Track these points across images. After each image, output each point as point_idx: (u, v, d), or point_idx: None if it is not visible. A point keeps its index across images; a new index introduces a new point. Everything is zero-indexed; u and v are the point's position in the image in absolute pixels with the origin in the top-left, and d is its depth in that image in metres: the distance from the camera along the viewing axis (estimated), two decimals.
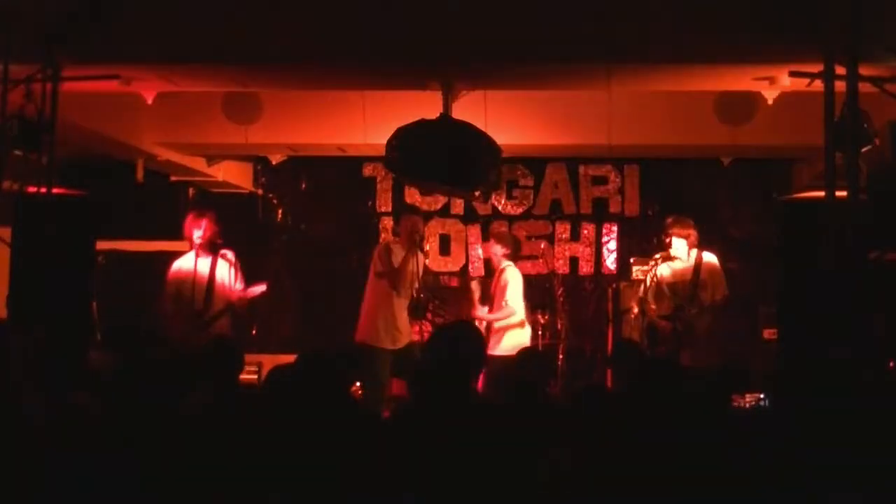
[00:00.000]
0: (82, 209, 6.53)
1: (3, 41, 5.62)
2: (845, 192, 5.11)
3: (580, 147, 9.00)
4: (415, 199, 10.00)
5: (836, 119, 5.17)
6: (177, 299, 7.15)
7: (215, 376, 4.88)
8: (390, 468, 3.57)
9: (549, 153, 9.64)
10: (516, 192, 10.10)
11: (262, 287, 7.36)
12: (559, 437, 3.78)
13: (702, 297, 7.29)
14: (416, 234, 7.56)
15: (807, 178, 9.03)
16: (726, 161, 9.46)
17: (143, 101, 6.92)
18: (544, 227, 10.04)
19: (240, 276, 7.28)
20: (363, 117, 8.22)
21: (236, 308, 7.20)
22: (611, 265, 10.02)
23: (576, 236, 10.07)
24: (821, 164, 6.64)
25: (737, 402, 5.96)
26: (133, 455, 3.29)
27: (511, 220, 10.11)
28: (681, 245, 7.37)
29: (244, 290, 7.23)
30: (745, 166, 9.77)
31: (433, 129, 6.40)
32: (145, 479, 3.23)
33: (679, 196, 9.96)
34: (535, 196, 10.08)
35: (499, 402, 4.80)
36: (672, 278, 7.40)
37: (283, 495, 3.43)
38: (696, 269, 7.31)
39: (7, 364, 3.57)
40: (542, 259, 9.66)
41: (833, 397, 3.84)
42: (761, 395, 6.38)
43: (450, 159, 6.42)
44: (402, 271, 7.49)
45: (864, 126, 5.26)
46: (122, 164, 9.03)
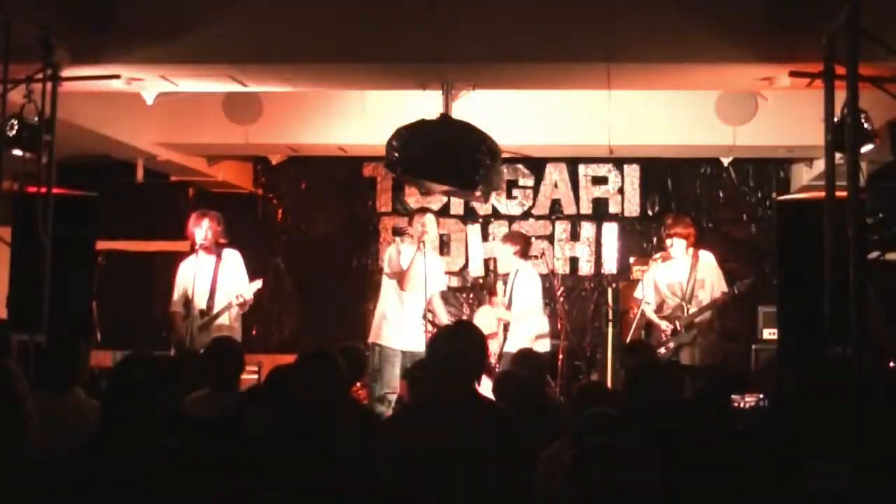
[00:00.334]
0: (82, 209, 6.53)
1: (3, 41, 5.61)
2: (845, 192, 5.10)
3: (580, 147, 9.00)
4: (415, 198, 10.01)
5: (836, 119, 5.17)
6: (182, 299, 7.17)
7: (216, 376, 4.89)
8: (390, 468, 3.57)
9: (549, 153, 9.65)
10: (516, 192, 10.11)
11: (258, 283, 7.35)
12: (559, 437, 3.78)
13: (700, 296, 7.30)
14: (423, 234, 7.50)
15: (807, 178, 9.04)
16: (726, 161, 9.47)
17: (143, 101, 6.92)
18: (544, 227, 10.05)
19: (244, 273, 7.29)
20: (363, 117, 8.22)
21: (236, 307, 7.19)
22: (611, 265, 10.02)
23: (576, 236, 10.08)
24: (821, 164, 6.66)
25: (737, 402, 5.96)
26: (133, 455, 3.29)
27: (511, 220, 10.12)
28: (680, 245, 7.38)
29: (246, 292, 7.22)
30: (745, 166, 9.78)
31: (433, 129, 6.40)
32: (145, 479, 3.23)
33: (679, 196, 9.98)
34: (535, 196, 10.09)
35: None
36: (670, 278, 7.41)
37: (283, 495, 3.44)
38: (694, 268, 7.32)
39: (7, 364, 3.56)
40: (542, 259, 9.66)
41: (833, 397, 3.84)
42: (761, 395, 6.38)
43: (450, 159, 6.41)
44: (409, 272, 7.42)
45: (864, 126, 5.25)
46: (122, 164, 9.04)
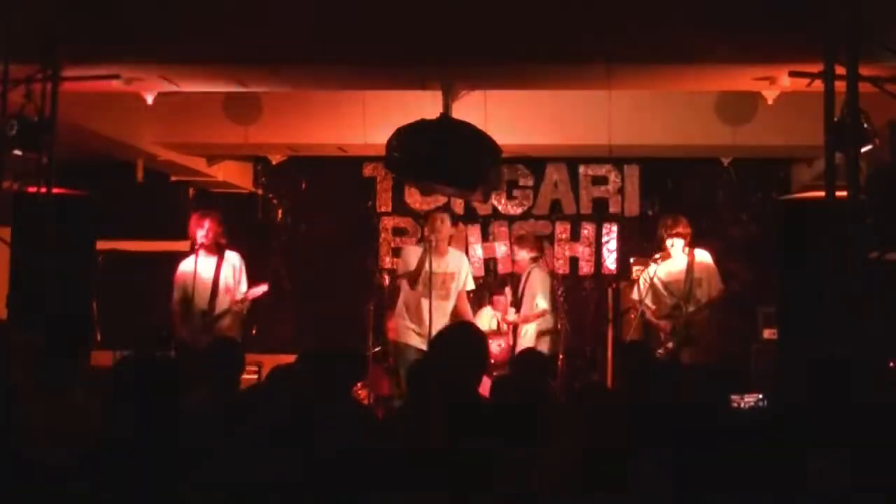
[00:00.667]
0: (82, 209, 6.53)
1: (3, 41, 5.61)
2: (845, 192, 5.11)
3: (580, 147, 9.00)
4: (415, 198, 10.01)
5: (836, 119, 5.17)
6: (182, 300, 7.16)
7: (216, 376, 4.88)
8: (390, 468, 3.57)
9: (549, 153, 9.64)
10: (516, 192, 10.10)
11: (264, 287, 7.36)
12: (559, 436, 3.78)
13: (698, 294, 7.29)
14: (431, 234, 7.49)
15: (807, 178, 9.04)
16: (726, 161, 9.46)
17: (143, 101, 6.92)
18: (544, 228, 10.04)
19: (244, 277, 7.28)
20: (363, 117, 8.22)
21: (234, 309, 7.19)
22: (611, 265, 10.02)
23: (576, 236, 10.08)
24: (821, 164, 6.66)
25: (736, 402, 5.96)
26: (133, 455, 3.29)
27: (511, 220, 10.12)
28: (678, 244, 7.39)
29: (246, 293, 7.23)
30: (745, 166, 9.78)
31: (433, 129, 6.39)
32: (145, 479, 3.23)
33: (679, 196, 9.97)
34: (535, 196, 10.08)
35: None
36: (668, 278, 7.41)
37: (283, 495, 3.43)
38: (691, 268, 7.32)
39: (7, 364, 3.57)
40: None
41: (833, 397, 3.84)
42: (761, 395, 6.38)
43: (450, 159, 6.41)
44: (417, 272, 7.38)
45: (864, 126, 5.25)
46: (122, 164, 9.03)
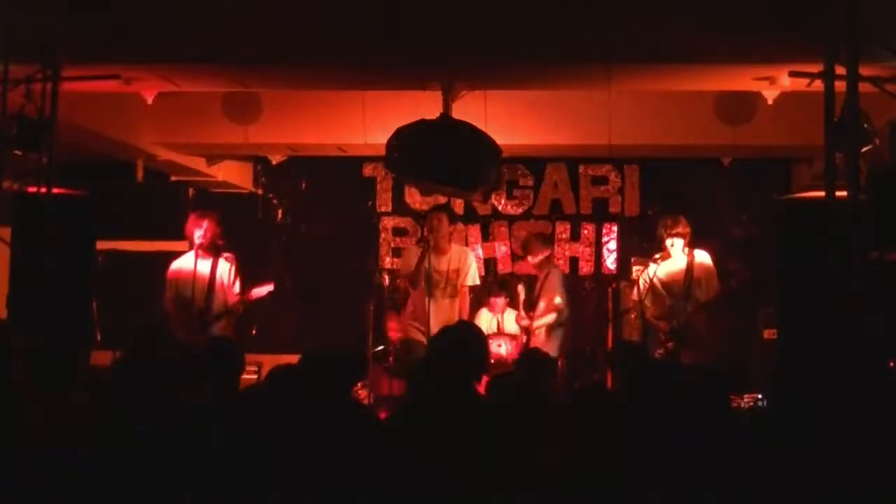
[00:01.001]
0: (82, 209, 6.53)
1: (3, 41, 5.61)
2: (845, 192, 5.11)
3: (580, 147, 8.99)
4: (415, 198, 10.01)
5: (836, 119, 5.17)
6: (176, 299, 7.13)
7: (216, 377, 4.88)
8: (390, 468, 3.57)
9: (549, 153, 9.64)
10: (516, 192, 10.10)
11: (269, 287, 7.33)
12: (559, 436, 3.78)
13: (697, 294, 7.29)
14: (430, 234, 7.43)
15: (807, 178, 9.04)
16: (726, 161, 9.46)
17: (143, 101, 6.92)
18: (544, 228, 10.03)
19: (237, 280, 7.26)
20: (363, 117, 8.21)
21: (232, 311, 7.17)
22: (611, 265, 10.02)
23: (576, 236, 10.07)
24: (821, 164, 6.65)
25: (736, 402, 5.96)
26: (133, 455, 3.29)
27: (511, 220, 10.12)
28: (678, 244, 7.38)
29: (247, 293, 7.20)
30: (745, 166, 9.77)
31: (433, 129, 6.40)
32: (145, 479, 3.23)
33: (679, 196, 9.95)
34: (535, 196, 10.08)
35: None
36: (667, 278, 7.40)
37: (283, 495, 3.44)
38: (690, 268, 7.32)
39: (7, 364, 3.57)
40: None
41: (832, 397, 3.85)
42: (760, 395, 6.38)
43: (450, 159, 6.41)
44: (416, 272, 7.33)
45: (864, 126, 5.25)
46: (122, 164, 9.03)
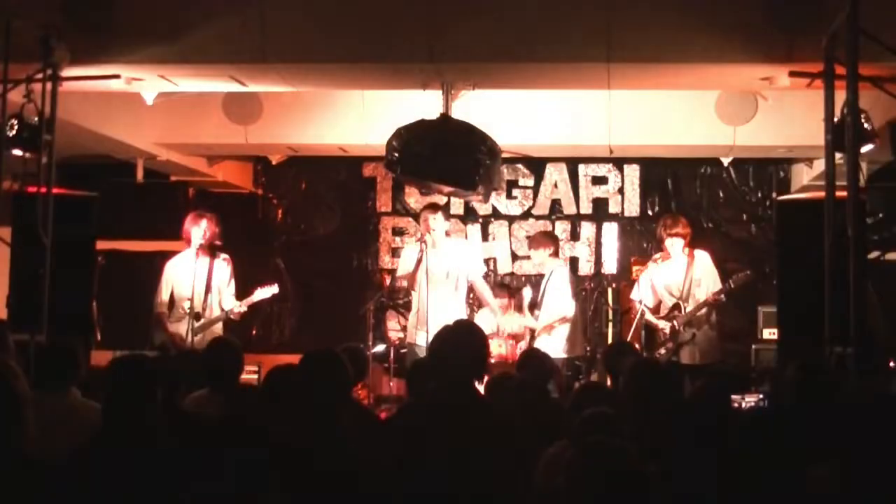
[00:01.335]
0: (82, 209, 6.53)
1: (3, 41, 5.61)
2: (845, 192, 5.11)
3: (580, 147, 9.00)
4: (415, 198, 10.01)
5: (836, 119, 5.17)
6: (172, 299, 7.12)
7: (215, 377, 4.88)
8: (390, 468, 3.57)
9: (549, 153, 9.65)
10: (516, 192, 10.11)
11: (274, 289, 7.31)
12: (559, 436, 3.78)
13: (697, 294, 7.29)
14: (426, 233, 7.33)
15: (807, 178, 9.04)
16: (726, 161, 9.47)
17: (143, 101, 6.92)
18: (544, 228, 10.03)
19: (233, 281, 7.25)
20: (363, 117, 8.22)
21: (231, 314, 7.15)
22: (611, 265, 10.02)
23: (576, 236, 10.08)
24: (821, 164, 6.65)
25: (736, 402, 5.95)
26: (133, 455, 3.29)
27: (511, 220, 10.12)
28: (679, 245, 7.39)
29: (251, 295, 7.19)
30: (745, 166, 9.78)
31: (433, 129, 6.40)
32: (144, 480, 3.23)
33: (679, 196, 9.98)
34: (535, 196, 10.09)
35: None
36: (667, 278, 7.41)
37: (283, 495, 3.43)
38: (690, 268, 7.32)
39: (7, 363, 3.56)
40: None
41: (832, 397, 3.84)
42: (761, 395, 6.38)
43: (450, 159, 6.41)
44: (414, 272, 7.26)
45: (864, 126, 5.25)
46: (122, 164, 9.04)
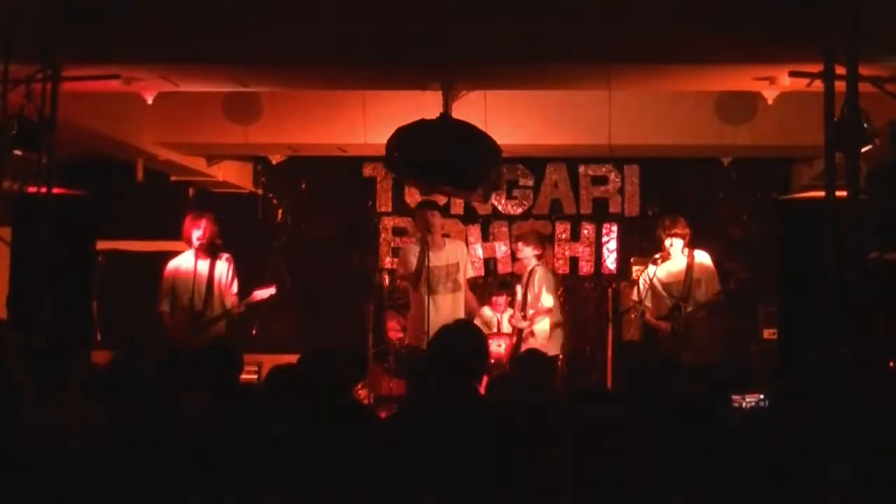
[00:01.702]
0: (82, 209, 6.53)
1: (3, 41, 5.62)
2: (845, 192, 5.11)
3: (580, 147, 9.00)
4: (415, 198, 10.00)
5: (836, 119, 5.17)
6: (173, 299, 7.11)
7: (215, 377, 4.87)
8: (390, 468, 3.57)
9: (549, 153, 9.64)
10: (516, 192, 10.11)
11: (272, 290, 7.30)
12: (559, 436, 3.78)
13: (697, 295, 7.29)
14: (426, 230, 7.23)
15: (807, 178, 9.04)
16: (726, 161, 9.47)
17: (143, 101, 6.92)
18: (544, 228, 10.03)
19: (235, 280, 7.24)
20: (363, 117, 8.22)
21: (232, 313, 7.15)
22: (611, 265, 10.02)
23: (576, 236, 10.08)
24: (821, 164, 6.65)
25: (737, 402, 5.96)
26: (133, 455, 3.30)
27: (511, 220, 10.12)
28: (679, 245, 7.39)
29: (250, 295, 7.18)
30: (745, 166, 9.78)
31: (433, 129, 6.40)
32: (145, 480, 3.23)
33: (679, 196, 9.97)
34: (535, 196, 10.08)
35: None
36: (667, 278, 7.40)
37: (283, 495, 3.43)
38: (689, 268, 7.32)
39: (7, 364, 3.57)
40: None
41: (832, 397, 3.84)
42: (761, 395, 6.37)
43: (450, 159, 6.41)
44: (418, 272, 7.16)
45: (864, 126, 5.26)
46: (122, 164, 9.04)
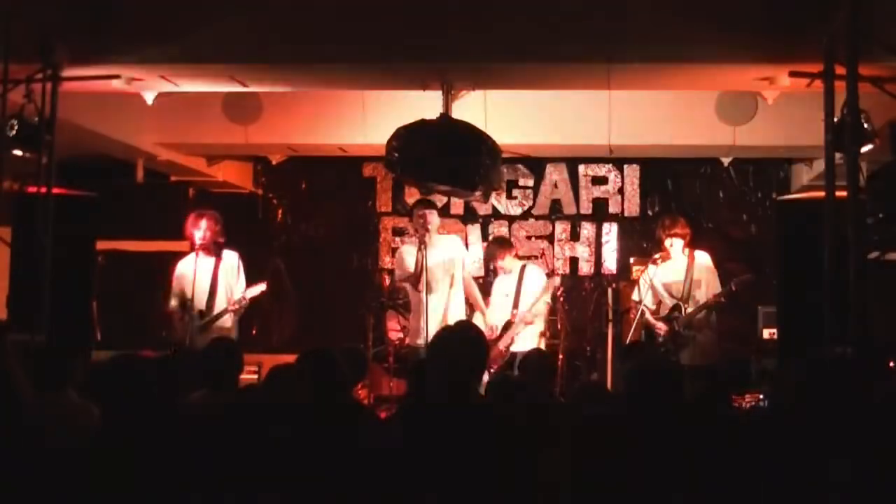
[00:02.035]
0: (82, 209, 6.54)
1: (3, 41, 5.62)
2: (845, 192, 5.11)
3: (580, 147, 9.00)
4: (415, 198, 9.97)
5: (836, 119, 5.17)
6: (180, 300, 7.12)
7: (215, 376, 4.88)
8: (390, 468, 3.57)
9: (549, 153, 9.65)
10: (516, 192, 10.11)
11: (262, 287, 7.30)
12: (559, 436, 3.78)
13: (697, 295, 7.29)
14: (424, 228, 7.18)
15: (807, 178, 9.05)
16: (726, 161, 9.47)
17: (143, 101, 6.92)
18: (544, 227, 10.05)
19: (242, 277, 7.24)
20: (363, 117, 8.21)
21: (231, 310, 7.14)
22: (611, 265, 10.02)
23: (576, 236, 10.08)
24: (821, 164, 6.65)
25: (737, 402, 5.97)
26: (132, 455, 3.29)
27: (511, 220, 10.12)
28: (678, 245, 7.39)
29: (244, 293, 7.17)
30: (745, 166, 9.78)
31: (433, 129, 6.39)
32: (144, 480, 3.23)
33: (679, 196, 9.98)
34: (535, 196, 10.08)
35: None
36: (667, 278, 7.40)
37: (283, 495, 3.44)
38: (690, 268, 7.32)
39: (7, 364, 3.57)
40: (543, 259, 9.68)
41: (832, 397, 3.84)
42: (761, 395, 6.39)
43: (450, 159, 6.41)
44: (418, 272, 7.11)
45: (864, 126, 5.26)
46: (122, 164, 9.04)
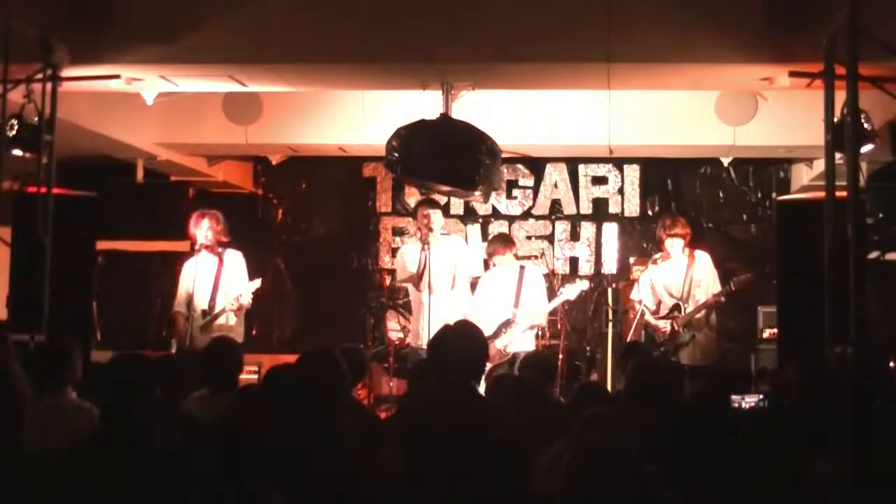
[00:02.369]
0: (82, 209, 6.54)
1: (3, 41, 5.62)
2: (845, 192, 5.11)
3: (580, 147, 9.00)
4: (415, 198, 9.99)
5: (836, 119, 5.17)
6: (185, 299, 7.12)
7: (215, 377, 4.88)
8: (390, 468, 3.57)
9: (549, 153, 9.64)
10: (516, 192, 10.11)
11: (257, 283, 7.28)
12: (558, 436, 3.78)
13: (697, 295, 7.29)
14: (426, 228, 7.19)
15: (807, 178, 9.04)
16: (726, 161, 9.47)
17: (143, 101, 6.92)
18: (544, 227, 10.05)
19: (246, 275, 7.23)
20: (363, 117, 8.22)
21: (230, 309, 7.12)
22: (611, 265, 10.02)
23: (576, 236, 10.08)
24: (821, 164, 6.65)
25: (736, 402, 5.96)
26: (132, 455, 3.30)
27: (511, 220, 10.12)
28: (678, 245, 7.39)
29: (239, 294, 7.15)
30: (745, 166, 9.78)
31: (433, 129, 6.39)
32: (144, 480, 3.23)
33: (679, 196, 9.98)
34: (535, 196, 10.09)
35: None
36: (667, 278, 7.41)
37: (283, 495, 3.44)
38: (690, 269, 7.32)
39: (7, 364, 3.57)
40: (543, 259, 9.68)
41: (833, 397, 3.85)
42: (761, 395, 6.38)
43: (450, 159, 6.41)
44: (420, 273, 7.13)
45: (864, 126, 5.25)
46: (122, 164, 9.04)
